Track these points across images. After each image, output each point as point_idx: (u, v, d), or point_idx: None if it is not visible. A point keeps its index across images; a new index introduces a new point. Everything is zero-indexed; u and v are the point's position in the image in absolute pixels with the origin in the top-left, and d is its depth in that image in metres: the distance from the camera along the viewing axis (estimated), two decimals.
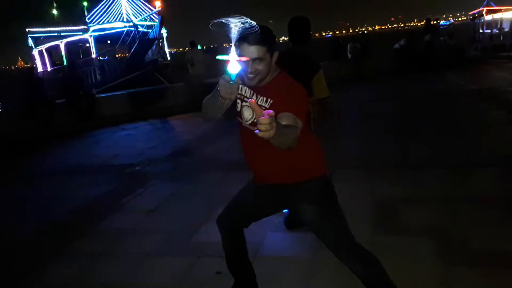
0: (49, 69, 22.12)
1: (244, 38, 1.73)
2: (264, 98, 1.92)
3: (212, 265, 2.97)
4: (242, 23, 1.60)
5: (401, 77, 12.00)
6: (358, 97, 9.85)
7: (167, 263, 3.12)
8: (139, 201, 4.54)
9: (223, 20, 1.58)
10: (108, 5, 24.24)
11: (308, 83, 2.83)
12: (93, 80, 18.95)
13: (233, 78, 1.61)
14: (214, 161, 5.69)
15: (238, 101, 2.01)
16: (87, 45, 23.25)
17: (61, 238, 3.80)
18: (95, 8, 24.05)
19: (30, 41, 23.98)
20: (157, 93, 11.28)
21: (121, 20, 23.62)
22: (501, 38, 19.19)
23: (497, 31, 20.10)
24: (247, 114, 1.98)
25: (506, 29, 19.64)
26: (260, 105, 1.89)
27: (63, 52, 22.75)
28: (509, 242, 2.90)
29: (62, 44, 22.81)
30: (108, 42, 23.89)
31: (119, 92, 11.59)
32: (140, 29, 22.27)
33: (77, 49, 24.43)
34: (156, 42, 19.08)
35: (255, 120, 1.61)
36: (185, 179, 5.05)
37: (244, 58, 1.65)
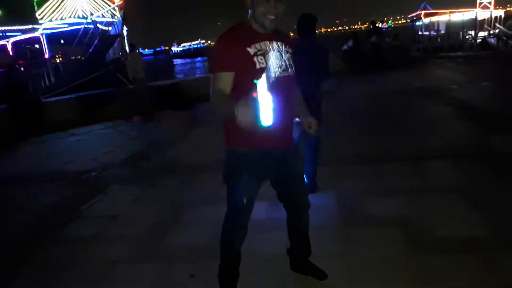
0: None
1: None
2: (283, 44, 2.08)
3: (184, 268, 2.90)
4: None
5: (350, 77, 12.37)
6: None
7: (137, 270, 2.99)
8: (99, 207, 4.32)
9: None
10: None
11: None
12: (47, 83, 17.45)
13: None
14: (175, 164, 5.56)
15: (259, 57, 1.99)
16: (37, 46, 21.41)
17: (18, 251, 3.53)
18: (47, 3, 22.22)
19: None
20: (107, 96, 10.83)
21: (76, 16, 21.93)
22: (439, 40, 20.47)
23: (435, 33, 21.42)
24: (277, 61, 2.01)
25: (443, 31, 20.98)
26: (286, 51, 2.08)
27: (10, 53, 20.92)
28: (469, 228, 3.07)
29: (9, 44, 20.92)
30: (62, 41, 22.05)
31: (67, 96, 11.04)
32: (99, 26, 20.86)
33: (26, 49, 22.37)
34: (118, 39, 18.04)
35: (288, 63, 2.06)
36: (146, 183, 4.88)
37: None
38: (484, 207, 3.36)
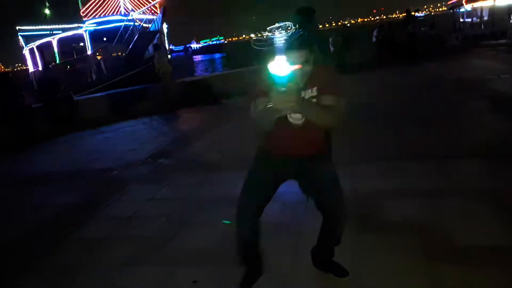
0: (40, 68, 20.70)
1: (289, 44, 1.90)
2: (310, 90, 2.08)
3: (188, 274, 2.85)
4: (284, 29, 1.88)
5: (383, 69, 11.94)
6: None
7: (141, 273, 2.97)
8: (115, 207, 4.36)
9: (267, 34, 1.88)
10: None
11: None
12: (89, 79, 17.82)
13: (285, 82, 1.70)
14: (193, 162, 5.55)
15: None
16: (81, 44, 21.93)
17: (33, 250, 3.60)
18: (91, 1, 22.78)
19: (21, 40, 22.63)
20: (138, 93, 11.02)
21: (119, 13, 22.29)
22: (482, 27, 19.34)
23: (478, 20, 20.25)
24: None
25: (486, 18, 19.79)
26: (311, 96, 2.09)
27: (55, 50, 21.37)
28: (494, 237, 2.83)
29: (54, 40, 21.29)
30: (104, 39, 22.51)
31: (98, 94, 11.34)
32: (139, 23, 20.88)
33: (71, 46, 22.94)
34: (157, 35, 18.07)
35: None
36: (163, 182, 4.89)
37: (297, 66, 1.81)
38: None
